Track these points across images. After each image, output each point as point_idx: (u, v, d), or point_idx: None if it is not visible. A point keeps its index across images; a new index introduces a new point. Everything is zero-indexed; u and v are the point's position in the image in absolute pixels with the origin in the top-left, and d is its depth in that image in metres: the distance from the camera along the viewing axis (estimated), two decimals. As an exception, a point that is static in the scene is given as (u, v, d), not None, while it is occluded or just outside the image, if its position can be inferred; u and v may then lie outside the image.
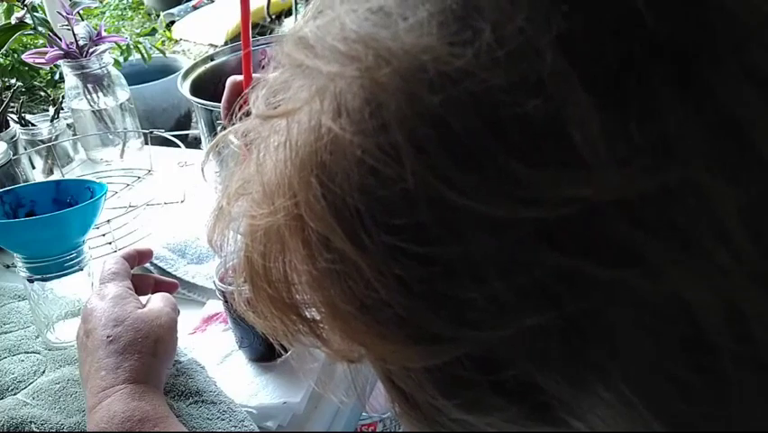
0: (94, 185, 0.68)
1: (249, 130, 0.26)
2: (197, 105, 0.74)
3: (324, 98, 0.22)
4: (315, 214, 0.22)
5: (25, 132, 1.01)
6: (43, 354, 0.66)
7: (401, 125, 0.20)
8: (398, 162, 0.20)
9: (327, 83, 0.22)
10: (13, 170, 0.90)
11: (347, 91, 0.21)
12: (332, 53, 0.22)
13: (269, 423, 0.59)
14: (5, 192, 0.67)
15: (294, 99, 0.23)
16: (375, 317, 0.23)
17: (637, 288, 0.19)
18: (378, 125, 0.20)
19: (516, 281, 0.20)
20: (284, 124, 0.24)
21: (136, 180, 1.01)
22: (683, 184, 0.19)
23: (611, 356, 0.21)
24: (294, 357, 0.62)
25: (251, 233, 0.26)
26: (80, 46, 1.00)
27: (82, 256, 0.66)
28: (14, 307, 0.74)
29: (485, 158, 0.19)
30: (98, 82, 1.03)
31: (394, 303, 0.22)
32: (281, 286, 0.26)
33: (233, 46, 0.90)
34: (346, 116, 0.21)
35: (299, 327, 0.27)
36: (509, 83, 0.19)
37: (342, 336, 0.25)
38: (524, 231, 0.20)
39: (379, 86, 0.20)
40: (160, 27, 3.60)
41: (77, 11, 1.02)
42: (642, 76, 0.19)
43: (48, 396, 0.61)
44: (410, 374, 0.25)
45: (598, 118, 0.18)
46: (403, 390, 0.25)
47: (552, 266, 0.20)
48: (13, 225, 0.63)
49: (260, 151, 0.25)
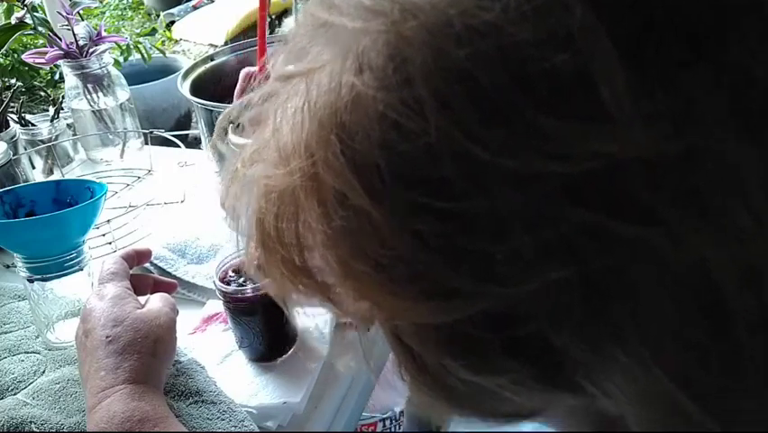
0: (94, 185, 0.68)
1: (269, 94, 0.27)
2: (197, 105, 0.74)
3: (346, 58, 0.22)
4: (334, 171, 0.22)
5: (25, 132, 1.01)
6: (43, 354, 0.66)
7: (426, 80, 0.20)
8: (422, 117, 0.20)
9: (350, 42, 0.22)
10: (13, 170, 0.90)
11: (371, 48, 0.21)
12: (357, 10, 0.22)
13: (269, 423, 0.59)
14: (5, 192, 0.67)
15: (314, 60, 0.24)
16: (389, 274, 0.23)
17: (660, 247, 0.20)
18: (402, 80, 0.21)
19: (541, 236, 0.20)
20: (303, 86, 0.24)
21: (136, 180, 1.01)
22: (705, 148, 0.19)
23: (632, 316, 0.21)
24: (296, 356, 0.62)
25: (266, 195, 0.26)
26: (80, 46, 1.00)
27: (82, 256, 0.66)
28: (14, 307, 0.74)
29: (512, 113, 0.19)
30: (98, 82, 1.02)
31: (410, 259, 0.22)
32: (293, 249, 0.26)
33: (233, 46, 0.90)
34: (369, 73, 0.21)
35: (310, 289, 0.28)
36: (537, 37, 0.19)
37: (354, 296, 0.25)
38: (550, 186, 0.20)
39: (405, 40, 0.21)
40: (159, 27, 3.60)
41: (77, 11, 1.02)
42: (662, 39, 0.19)
43: (48, 396, 0.61)
44: (420, 333, 0.25)
45: (624, 74, 0.19)
46: (412, 351, 0.25)
47: (576, 222, 0.20)
48: (13, 224, 0.63)
49: (277, 116, 0.25)
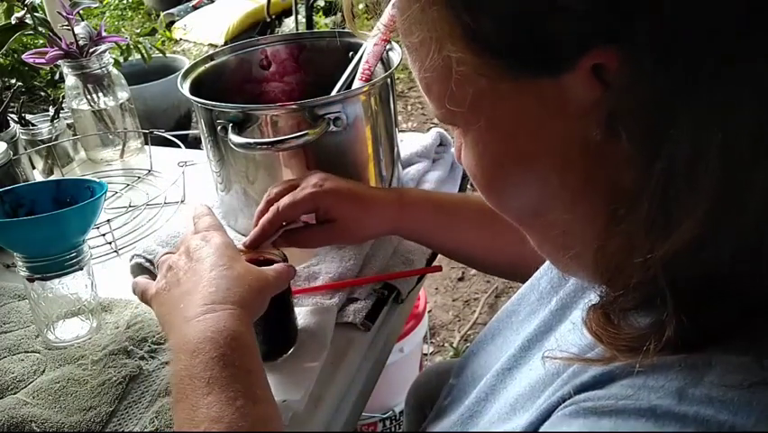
0: (94, 184, 0.68)
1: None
2: (197, 105, 0.74)
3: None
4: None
5: (25, 132, 1.01)
6: (43, 354, 0.66)
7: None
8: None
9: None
10: (13, 170, 0.90)
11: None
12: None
13: (269, 422, 0.59)
14: (5, 192, 0.67)
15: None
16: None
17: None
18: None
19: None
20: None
21: (136, 180, 1.01)
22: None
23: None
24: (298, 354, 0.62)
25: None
26: (80, 46, 1.00)
27: (82, 256, 0.66)
28: (14, 306, 0.74)
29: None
30: (98, 82, 1.03)
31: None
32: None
33: (233, 46, 0.90)
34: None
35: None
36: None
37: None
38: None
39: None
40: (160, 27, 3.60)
41: (77, 11, 1.02)
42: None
43: (48, 395, 0.61)
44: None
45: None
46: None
47: None
48: (13, 223, 0.63)
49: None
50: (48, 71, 2.25)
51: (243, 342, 0.49)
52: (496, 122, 0.36)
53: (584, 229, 0.36)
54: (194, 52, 3.80)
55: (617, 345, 0.34)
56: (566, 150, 0.34)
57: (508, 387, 0.48)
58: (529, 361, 0.48)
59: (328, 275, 0.71)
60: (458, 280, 2.04)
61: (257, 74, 0.92)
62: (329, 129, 0.71)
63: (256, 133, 0.72)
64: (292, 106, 0.72)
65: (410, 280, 0.75)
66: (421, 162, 0.93)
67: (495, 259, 0.73)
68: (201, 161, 1.00)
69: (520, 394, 0.44)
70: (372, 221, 0.71)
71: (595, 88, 0.31)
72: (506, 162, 0.37)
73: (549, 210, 0.38)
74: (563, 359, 0.40)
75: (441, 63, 0.35)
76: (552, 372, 0.41)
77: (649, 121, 0.30)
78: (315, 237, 0.71)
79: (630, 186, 0.31)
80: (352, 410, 0.63)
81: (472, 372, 0.60)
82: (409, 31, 0.36)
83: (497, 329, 0.60)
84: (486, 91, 0.35)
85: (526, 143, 0.36)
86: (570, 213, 0.36)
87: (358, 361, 0.66)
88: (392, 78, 0.80)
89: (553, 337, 0.47)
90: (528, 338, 0.50)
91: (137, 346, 0.66)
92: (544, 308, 0.52)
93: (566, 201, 0.36)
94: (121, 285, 0.74)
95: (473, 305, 1.95)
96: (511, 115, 0.35)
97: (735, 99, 0.28)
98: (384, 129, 0.80)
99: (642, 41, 0.28)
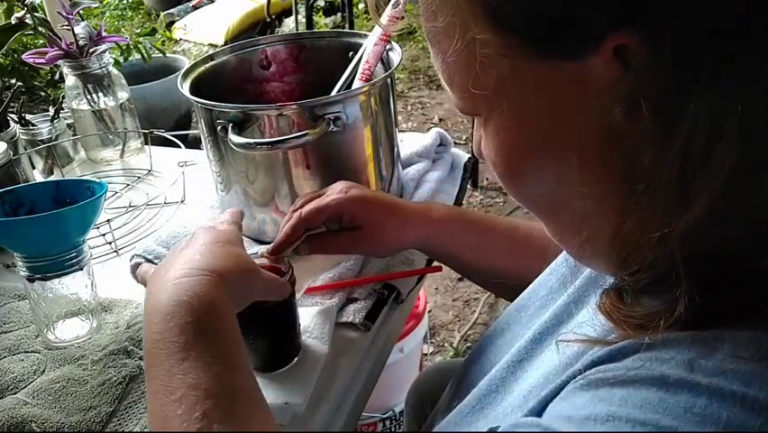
0: (94, 184, 0.68)
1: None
2: (197, 105, 0.74)
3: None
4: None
5: (25, 132, 1.01)
6: (43, 354, 0.66)
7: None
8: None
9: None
10: (13, 170, 0.90)
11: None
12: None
13: (269, 422, 0.59)
14: (5, 192, 0.67)
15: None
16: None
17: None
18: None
19: None
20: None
21: (136, 180, 1.01)
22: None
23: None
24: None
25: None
26: (80, 46, 1.00)
27: (82, 255, 0.66)
28: (14, 306, 0.74)
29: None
30: (98, 82, 1.03)
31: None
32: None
33: (233, 46, 0.90)
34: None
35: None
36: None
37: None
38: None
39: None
40: (159, 27, 3.60)
41: (77, 11, 1.02)
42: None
43: (48, 395, 0.61)
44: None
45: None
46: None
47: None
48: (13, 223, 0.63)
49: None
50: (48, 71, 2.25)
51: (220, 308, 0.47)
52: (518, 105, 0.37)
53: (602, 212, 0.37)
54: (194, 52, 3.80)
55: (629, 322, 0.35)
56: (585, 131, 0.35)
57: (520, 379, 0.48)
58: (541, 353, 0.48)
59: (328, 275, 0.71)
60: (458, 280, 2.04)
61: (257, 74, 0.92)
62: (329, 129, 0.71)
63: (256, 133, 0.72)
64: (292, 106, 0.72)
65: (410, 280, 0.75)
66: (421, 162, 0.93)
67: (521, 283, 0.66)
68: (201, 161, 1.00)
69: (534, 386, 0.45)
70: (398, 231, 0.69)
71: (616, 69, 0.32)
72: (526, 148, 0.38)
73: (567, 195, 0.38)
74: (578, 341, 0.40)
75: (464, 48, 0.36)
76: (565, 362, 0.42)
77: (668, 100, 0.30)
78: (338, 244, 0.69)
79: (648, 165, 0.32)
80: (352, 410, 0.63)
81: (481, 365, 0.60)
82: (434, 16, 0.37)
83: (506, 324, 0.60)
84: (509, 74, 0.35)
85: (547, 126, 0.36)
86: (588, 197, 0.37)
87: (358, 361, 0.66)
88: (392, 78, 0.80)
89: (566, 328, 0.48)
90: (539, 331, 0.50)
91: (137, 346, 0.66)
92: (553, 302, 0.52)
93: (584, 184, 0.37)
94: (121, 285, 0.74)
95: (473, 305, 1.96)
96: (533, 97, 0.36)
97: (753, 77, 0.29)
98: (384, 129, 0.80)
99: (662, 21, 0.29)
